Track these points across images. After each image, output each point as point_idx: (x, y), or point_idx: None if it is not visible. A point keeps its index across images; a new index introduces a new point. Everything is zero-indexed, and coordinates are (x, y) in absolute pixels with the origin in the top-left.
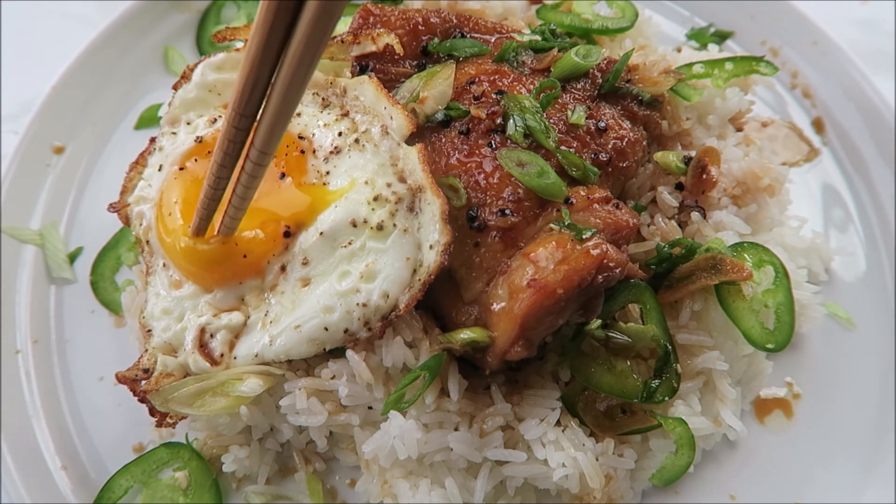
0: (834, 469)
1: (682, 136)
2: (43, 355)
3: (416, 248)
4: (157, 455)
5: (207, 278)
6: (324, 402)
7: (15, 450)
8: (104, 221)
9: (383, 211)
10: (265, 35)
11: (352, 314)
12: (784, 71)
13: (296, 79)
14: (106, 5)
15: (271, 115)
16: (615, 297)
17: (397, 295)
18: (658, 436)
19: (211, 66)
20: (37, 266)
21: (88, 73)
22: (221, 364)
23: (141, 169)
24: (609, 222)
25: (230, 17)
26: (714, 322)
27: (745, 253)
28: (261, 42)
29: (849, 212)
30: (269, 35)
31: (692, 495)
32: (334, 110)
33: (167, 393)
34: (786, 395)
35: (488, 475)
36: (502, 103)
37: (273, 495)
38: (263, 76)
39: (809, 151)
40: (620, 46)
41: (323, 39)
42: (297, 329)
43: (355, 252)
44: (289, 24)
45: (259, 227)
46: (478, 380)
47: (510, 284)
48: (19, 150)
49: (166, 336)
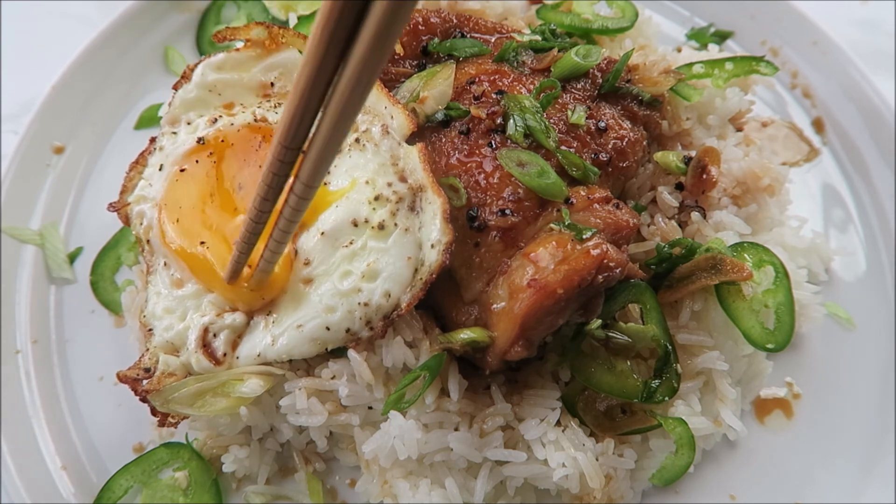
0: (834, 469)
1: (682, 136)
2: (43, 355)
3: (417, 247)
4: (157, 455)
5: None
6: (324, 402)
7: (15, 450)
8: (104, 221)
9: (384, 210)
10: (319, 60)
11: (353, 314)
12: (784, 71)
13: (350, 105)
14: (106, 5)
15: (320, 146)
16: (615, 297)
17: (399, 294)
18: (658, 436)
19: (211, 66)
20: (37, 266)
21: (88, 73)
22: (224, 364)
23: (141, 169)
24: (609, 222)
25: (230, 17)
26: (714, 322)
27: (745, 253)
28: (313, 69)
29: (849, 212)
30: (323, 60)
31: (692, 495)
32: None
33: (168, 393)
34: (786, 395)
35: (488, 475)
36: (502, 103)
37: (273, 495)
38: (313, 105)
39: (809, 151)
40: (620, 46)
41: (382, 61)
42: (299, 329)
43: (356, 252)
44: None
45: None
46: (478, 380)
47: (510, 284)
48: (19, 150)
49: (168, 335)
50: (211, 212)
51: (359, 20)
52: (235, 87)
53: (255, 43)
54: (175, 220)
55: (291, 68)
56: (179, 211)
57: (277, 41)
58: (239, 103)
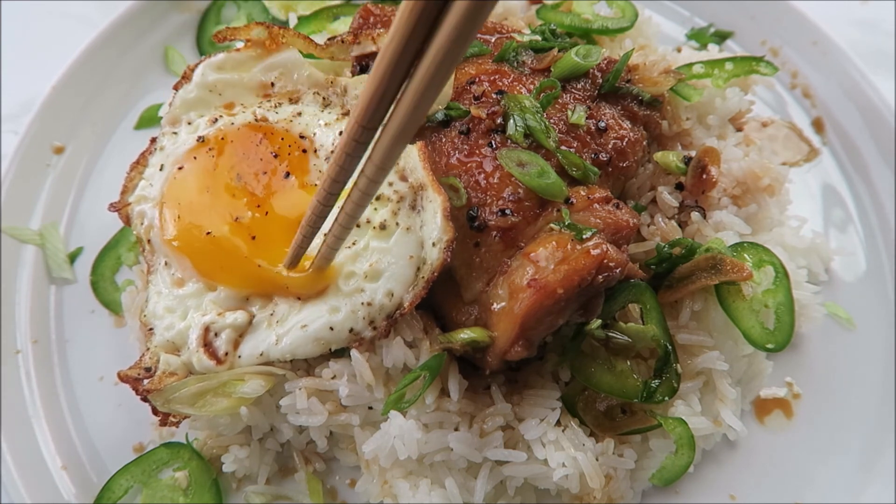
0: (834, 469)
1: (682, 136)
2: (43, 355)
3: (418, 245)
4: (157, 455)
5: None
6: (324, 402)
7: (15, 450)
8: (104, 221)
9: (385, 210)
10: (404, 40)
11: (357, 313)
12: (784, 71)
13: (431, 87)
14: (106, 5)
15: (396, 128)
16: (615, 297)
17: (401, 293)
18: (658, 436)
19: (211, 66)
20: (37, 266)
21: (88, 73)
22: (226, 363)
23: (142, 169)
24: (609, 222)
25: (230, 17)
26: (714, 322)
27: (745, 253)
28: (398, 48)
29: (849, 212)
30: (408, 41)
31: (692, 495)
32: (335, 110)
33: (168, 393)
34: (786, 395)
35: (488, 475)
36: (502, 103)
37: (273, 495)
38: (393, 86)
39: (809, 151)
40: (620, 46)
41: (466, 44)
42: (303, 329)
43: (359, 252)
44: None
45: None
46: (478, 380)
47: (510, 284)
48: (19, 150)
49: (169, 335)
50: (215, 203)
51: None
52: (236, 87)
53: (255, 43)
54: (176, 217)
55: (291, 68)
56: (180, 207)
57: (277, 41)
58: (239, 103)
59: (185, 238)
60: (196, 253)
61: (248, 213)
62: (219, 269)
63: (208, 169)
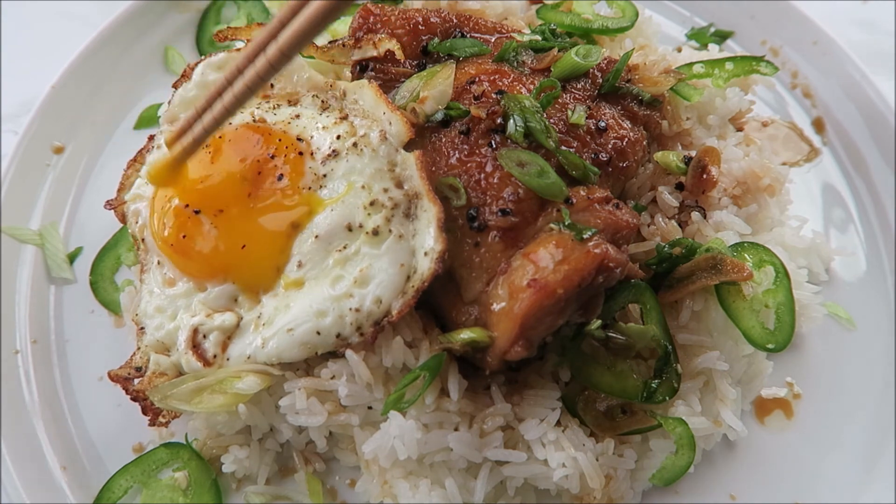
0: (834, 469)
1: (683, 136)
2: (43, 355)
3: (410, 254)
4: (156, 455)
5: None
6: (323, 402)
7: (15, 450)
8: (104, 221)
9: (379, 216)
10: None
11: (344, 319)
12: (784, 71)
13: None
14: (106, 5)
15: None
16: (615, 297)
17: (390, 301)
18: (658, 436)
19: (211, 65)
20: (37, 266)
21: (88, 73)
22: (214, 365)
23: (139, 167)
24: (609, 222)
25: (230, 17)
26: (714, 322)
27: (746, 253)
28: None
29: (849, 212)
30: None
31: (692, 495)
32: (333, 113)
33: (166, 389)
34: (786, 395)
35: (488, 475)
36: (502, 103)
37: (273, 495)
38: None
39: (809, 151)
40: (620, 46)
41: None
42: (289, 332)
43: (349, 256)
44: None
45: (259, 227)
46: (478, 380)
47: (510, 284)
48: (19, 150)
49: (159, 335)
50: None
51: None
52: None
53: None
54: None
55: (291, 70)
56: (167, 200)
57: None
58: None
59: (174, 235)
60: (181, 251)
61: (239, 213)
62: (200, 261)
63: (205, 167)
